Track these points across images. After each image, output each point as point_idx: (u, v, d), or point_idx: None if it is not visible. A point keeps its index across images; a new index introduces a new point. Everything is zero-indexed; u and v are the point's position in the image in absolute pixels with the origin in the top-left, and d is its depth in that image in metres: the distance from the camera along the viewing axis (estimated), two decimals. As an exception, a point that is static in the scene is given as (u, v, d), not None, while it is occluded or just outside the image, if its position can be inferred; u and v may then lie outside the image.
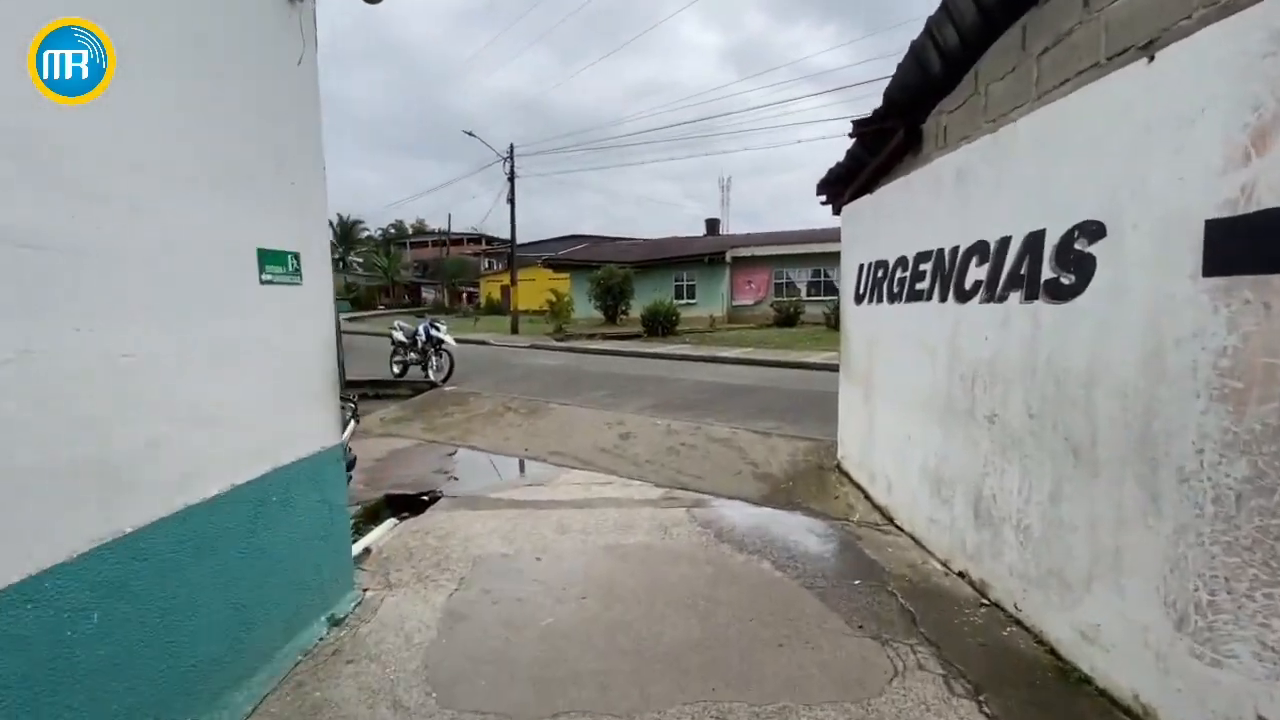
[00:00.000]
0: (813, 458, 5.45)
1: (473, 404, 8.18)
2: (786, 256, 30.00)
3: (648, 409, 7.82)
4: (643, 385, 9.75)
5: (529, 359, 14.26)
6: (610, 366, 12.56)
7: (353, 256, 67.04)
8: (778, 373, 11.38)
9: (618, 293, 24.96)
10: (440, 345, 10.03)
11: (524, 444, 6.33)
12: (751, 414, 7.40)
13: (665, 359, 14.05)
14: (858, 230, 4.63)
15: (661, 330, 18.62)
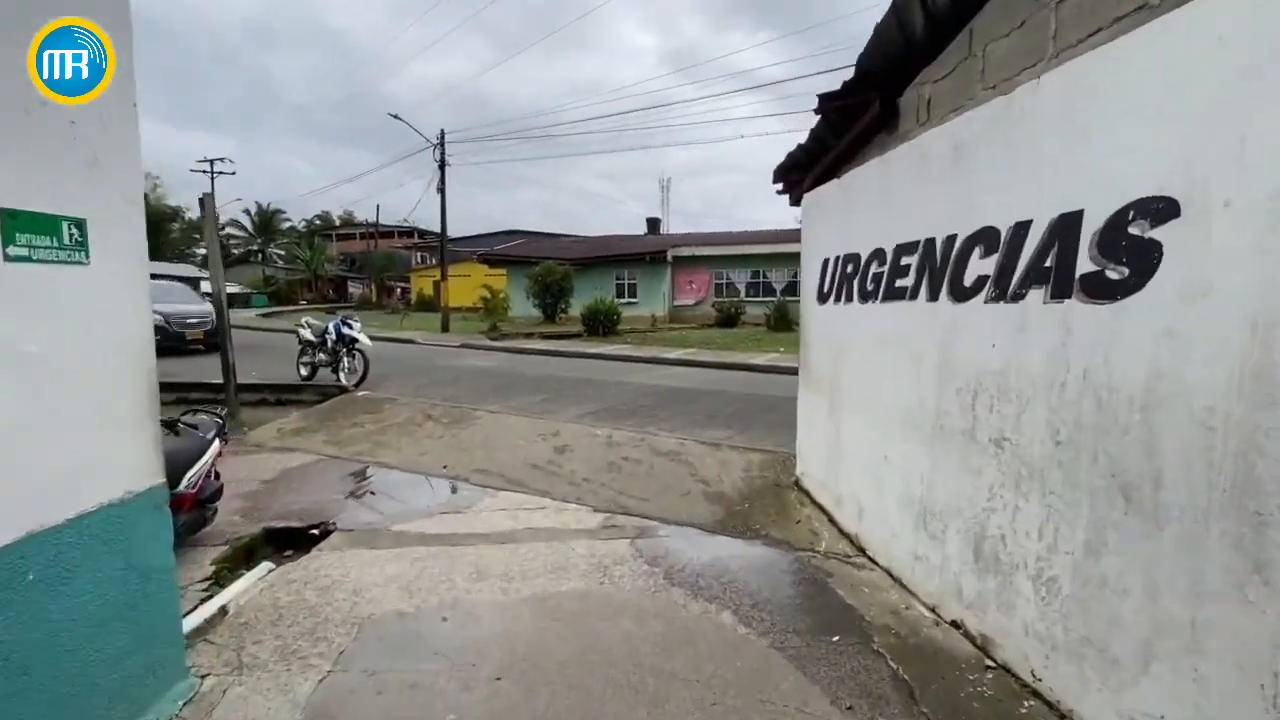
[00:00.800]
0: (769, 473, 4.92)
1: (388, 411, 7.25)
2: (727, 257, 29.95)
3: (587, 416, 7.13)
4: (582, 389, 9.06)
5: (459, 360, 13.27)
6: (547, 368, 11.78)
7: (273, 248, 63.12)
8: (722, 375, 10.92)
9: (557, 290, 24.10)
10: (353, 345, 9.00)
11: (444, 460, 5.53)
12: (699, 422, 6.84)
13: (606, 360, 13.39)
14: (821, 221, 4.12)
15: (602, 330, 17.94)
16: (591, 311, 18.00)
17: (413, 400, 7.85)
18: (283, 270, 55.19)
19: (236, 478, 5.02)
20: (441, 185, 18.98)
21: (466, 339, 17.76)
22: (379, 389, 8.78)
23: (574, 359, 13.54)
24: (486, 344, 16.41)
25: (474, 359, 13.38)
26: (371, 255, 45.57)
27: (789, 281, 29.98)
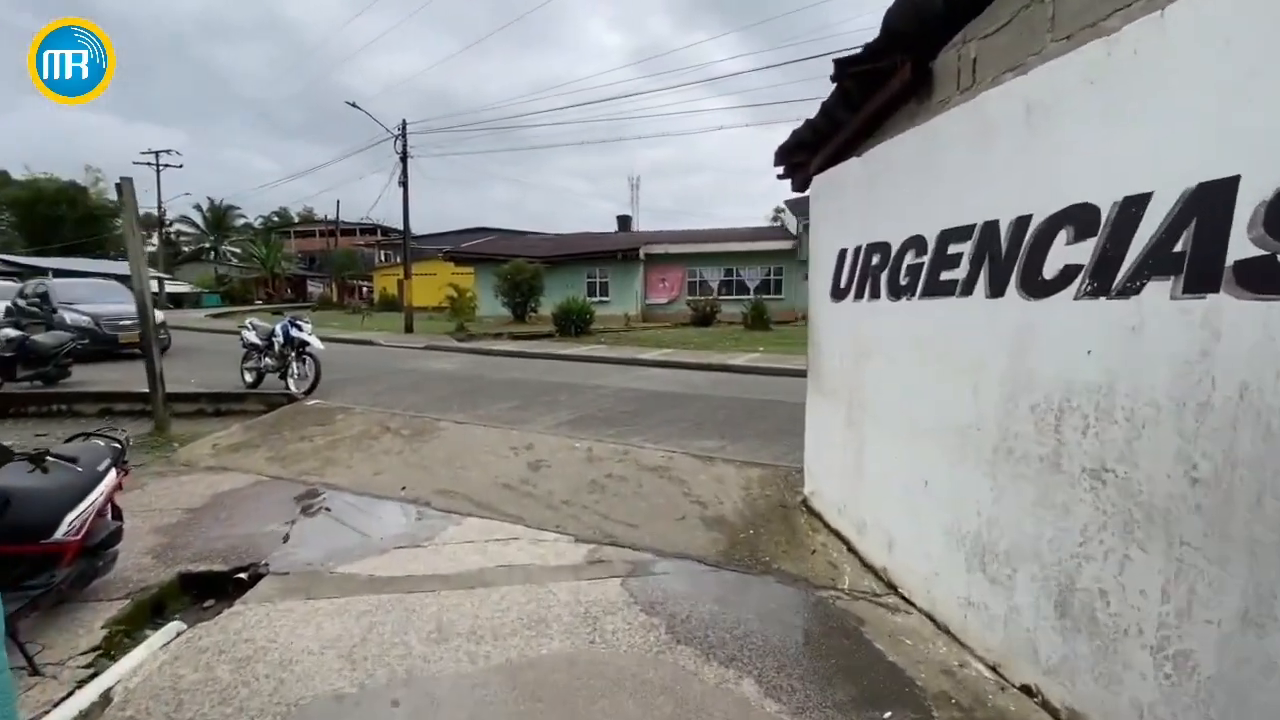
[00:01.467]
0: (771, 491, 4.42)
1: (341, 423, 6.54)
2: (700, 255, 29.60)
3: (563, 426, 6.53)
4: (556, 394, 8.44)
5: (422, 362, 12.50)
6: (518, 371, 11.12)
7: (227, 246, 60.69)
8: (703, 377, 10.43)
9: (526, 289, 23.36)
10: (303, 349, 8.21)
11: (402, 479, 4.88)
12: (686, 430, 6.31)
13: (580, 361, 12.77)
14: (836, 206, 3.62)
15: (575, 330, 17.31)
16: (563, 311, 17.36)
17: (369, 410, 7.14)
18: (238, 269, 52.97)
19: (155, 506, 4.31)
20: (404, 178, 18.10)
21: (431, 340, 16.92)
22: (332, 397, 8.02)
23: (546, 361, 12.89)
24: (452, 345, 15.62)
25: (438, 362, 12.62)
26: (331, 253, 43.91)
27: (762, 279, 29.79)
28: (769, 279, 29.88)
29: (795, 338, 16.58)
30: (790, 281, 29.57)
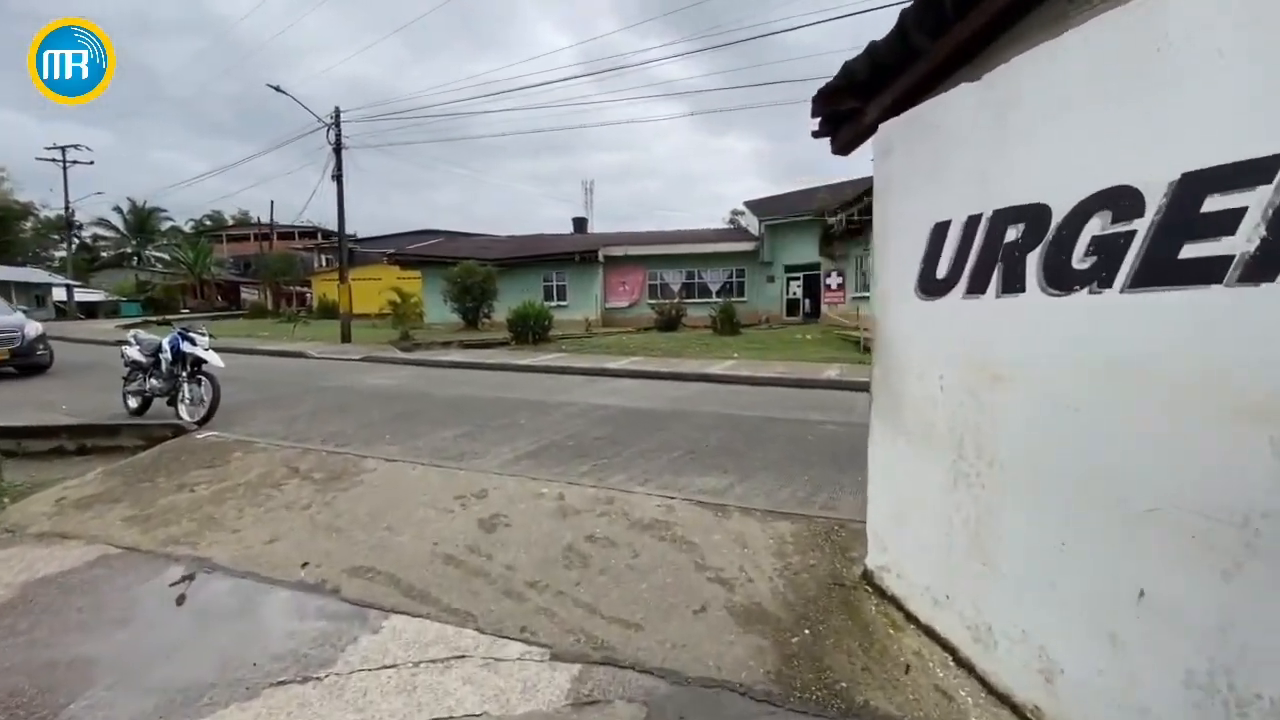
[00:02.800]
0: (815, 558, 3.28)
1: (236, 464, 5.10)
2: (661, 257, 28.63)
3: (525, 460, 5.25)
4: (514, 415, 7.14)
5: (356, 377, 10.94)
6: (469, 386, 9.73)
7: (151, 250, 56.48)
8: (680, 389, 9.29)
9: (479, 293, 21.83)
10: (198, 367, 6.67)
11: (305, 551, 3.54)
12: (678, 462, 5.14)
13: (540, 373, 11.46)
14: (926, 160, 2.50)
15: (532, 337, 15.95)
16: (520, 316, 15.97)
17: (278, 444, 5.70)
18: (164, 275, 49.15)
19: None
20: (338, 171, 16.35)
21: (371, 350, 15.25)
22: (235, 426, 6.51)
23: (501, 373, 11.52)
24: (394, 356, 14.03)
25: (376, 376, 11.08)
26: (265, 257, 40.99)
27: (724, 282, 29.02)
28: (731, 281, 29.15)
29: (767, 342, 15.68)
30: (753, 284, 28.91)
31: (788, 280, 28.60)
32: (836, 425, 6.43)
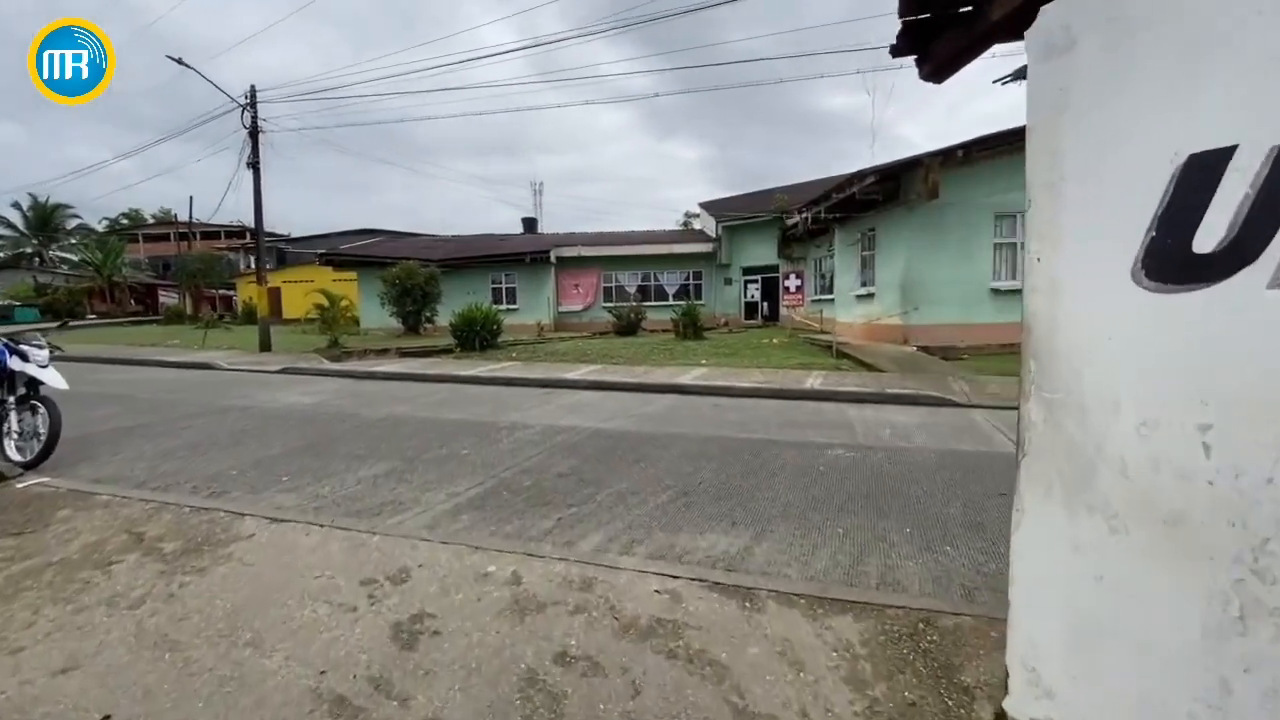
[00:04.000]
0: (914, 692, 2.14)
1: (59, 528, 3.64)
2: (616, 258, 27.51)
3: (466, 512, 3.97)
4: (455, 443, 5.82)
5: (268, 393, 9.31)
6: (404, 404, 8.30)
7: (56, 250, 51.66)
8: (650, 403, 8.13)
9: (420, 296, 20.15)
10: (33, 391, 5.10)
11: (112, 689, 2.19)
12: (668, 508, 3.97)
13: (489, 384, 10.09)
14: (1181, 45, 1.42)
15: (479, 343, 14.49)
16: (464, 321, 14.47)
17: (129, 494, 4.22)
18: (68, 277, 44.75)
19: None
20: (254, 158, 14.45)
21: (294, 359, 13.48)
22: (84, 465, 4.97)
23: (443, 386, 10.09)
24: (320, 367, 12.35)
25: (292, 392, 9.47)
26: (183, 257, 37.61)
27: (681, 284, 28.12)
28: (688, 284, 28.31)
29: (733, 347, 14.73)
30: (710, 286, 28.12)
31: (745, 283, 27.95)
32: (845, 450, 5.40)
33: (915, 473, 4.68)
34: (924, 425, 6.52)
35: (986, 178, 12.99)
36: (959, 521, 3.63)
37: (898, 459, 5.07)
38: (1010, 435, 6.05)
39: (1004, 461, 5.00)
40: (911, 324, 13.33)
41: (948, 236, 13.18)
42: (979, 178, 12.93)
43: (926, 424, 6.61)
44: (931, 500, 4.02)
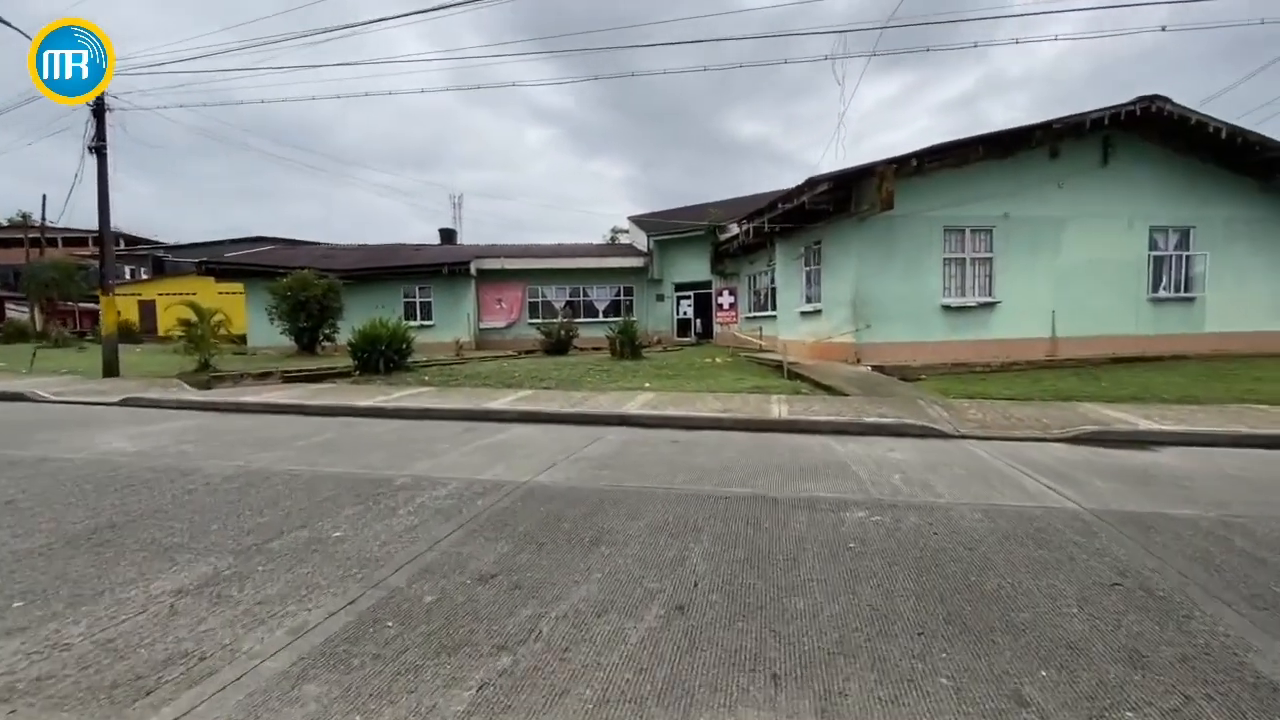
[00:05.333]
0: None
1: None
2: (543, 271, 25.87)
3: (310, 678, 2.28)
4: (326, 518, 4.07)
5: (87, 435, 7.04)
6: (271, 448, 6.36)
7: None
8: (596, 439, 6.62)
9: (317, 310, 17.72)
10: None
11: None
12: (658, 639, 2.46)
13: (393, 417, 8.23)
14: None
15: (386, 364, 12.44)
16: (366, 339, 12.40)
17: None
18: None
19: None
20: (99, 141, 11.81)
21: (147, 386, 10.94)
22: None
23: (332, 420, 8.14)
24: (178, 397, 9.95)
25: (120, 433, 7.22)
26: (32, 267, 32.37)
27: (612, 300, 26.82)
28: (619, 299, 27.05)
29: (675, 367, 13.47)
30: (642, 302, 26.98)
31: (678, 299, 27.01)
32: (866, 510, 4.14)
33: (975, 548, 3.45)
34: (932, 466, 5.41)
35: (936, 189, 12.48)
36: (1104, 651, 2.38)
37: (939, 524, 3.85)
38: (1033, 474, 5.03)
39: (1063, 520, 3.88)
40: (864, 342, 12.55)
41: (898, 250, 12.55)
42: (929, 189, 12.40)
43: (933, 463, 5.50)
44: (1035, 604, 2.77)
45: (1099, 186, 13.04)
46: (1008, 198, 12.70)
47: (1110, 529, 3.76)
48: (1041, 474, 5.12)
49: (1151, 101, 11.88)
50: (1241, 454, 5.94)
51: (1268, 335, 13.79)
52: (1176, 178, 13.28)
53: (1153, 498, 4.43)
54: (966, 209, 12.57)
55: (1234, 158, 12.95)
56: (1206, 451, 6.05)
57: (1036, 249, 12.94)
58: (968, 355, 12.57)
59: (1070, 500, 4.34)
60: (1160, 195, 13.27)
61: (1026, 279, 12.91)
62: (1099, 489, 4.65)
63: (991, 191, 12.62)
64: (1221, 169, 13.30)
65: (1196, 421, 7.03)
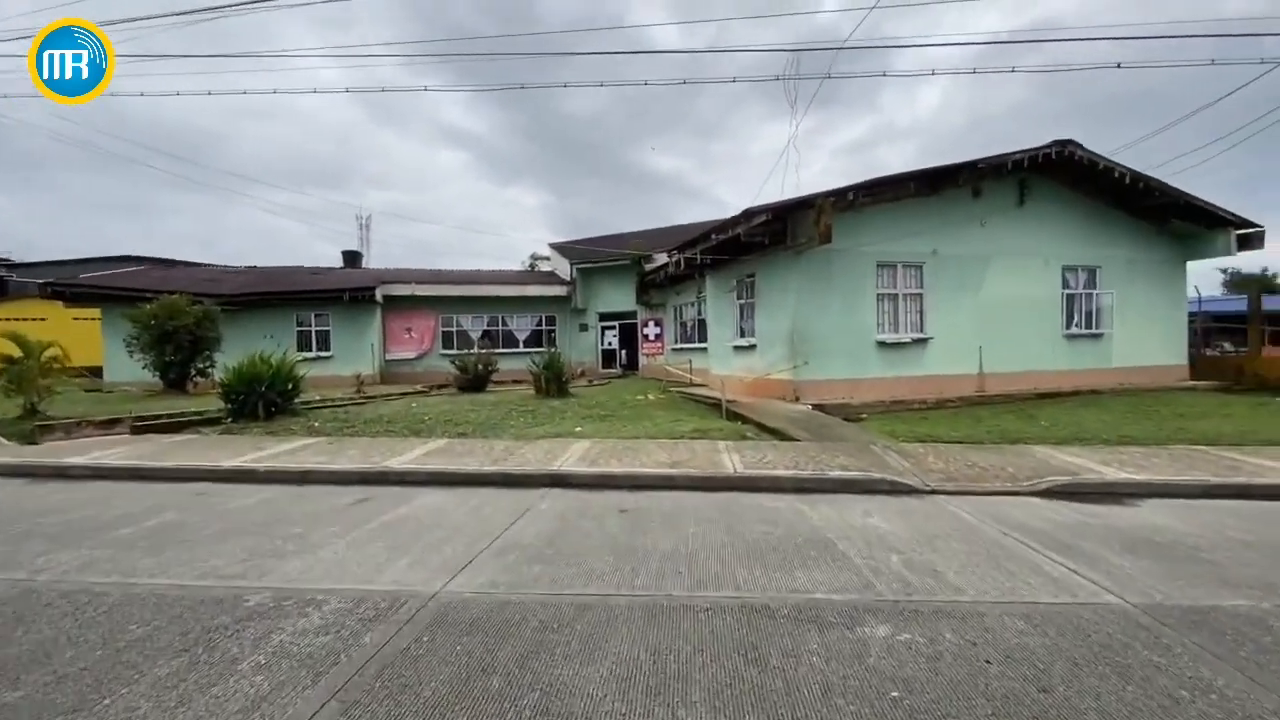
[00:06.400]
0: None
1: None
2: (457, 299, 24.23)
3: None
4: (120, 687, 2.68)
5: None
6: (76, 542, 4.73)
7: None
8: (522, 508, 5.43)
9: (188, 341, 15.36)
10: None
11: None
12: None
13: (265, 483, 6.63)
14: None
15: (267, 408, 10.56)
16: (244, 377, 10.49)
17: None
18: None
19: None
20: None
21: (-63, 443, 8.56)
22: None
23: (183, 488, 6.44)
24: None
25: None
26: None
27: (533, 330, 25.53)
28: (541, 330, 25.79)
29: (608, 405, 12.42)
30: (565, 333, 25.84)
31: (603, 329, 26.09)
32: (886, 625, 3.25)
33: (1048, 685, 2.63)
34: (925, 539, 4.66)
35: (870, 224, 12.32)
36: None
37: (984, 643, 3.01)
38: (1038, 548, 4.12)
39: (1119, 625, 3.16)
40: (802, 379, 12.06)
41: (835, 285, 12.23)
42: (863, 224, 12.22)
43: (924, 534, 4.76)
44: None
45: (1017, 226, 13.43)
46: (936, 234, 12.77)
47: (1177, 636, 3.07)
48: (1047, 547, 4.48)
49: (1065, 146, 12.36)
50: (1225, 508, 5.63)
51: (1164, 369, 14.64)
52: (1085, 219, 13.94)
53: (1187, 581, 3.84)
54: (899, 244, 12.50)
55: (1134, 201, 13.76)
56: (1185, 506, 5.71)
57: (963, 286, 13.06)
58: (903, 392, 12.35)
59: (1107, 591, 3.66)
60: (1071, 236, 13.86)
61: (955, 315, 12.97)
62: (1122, 569, 4.03)
63: (921, 228, 12.64)
64: (1124, 213, 14.12)
65: (1157, 469, 6.80)
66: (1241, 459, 7.29)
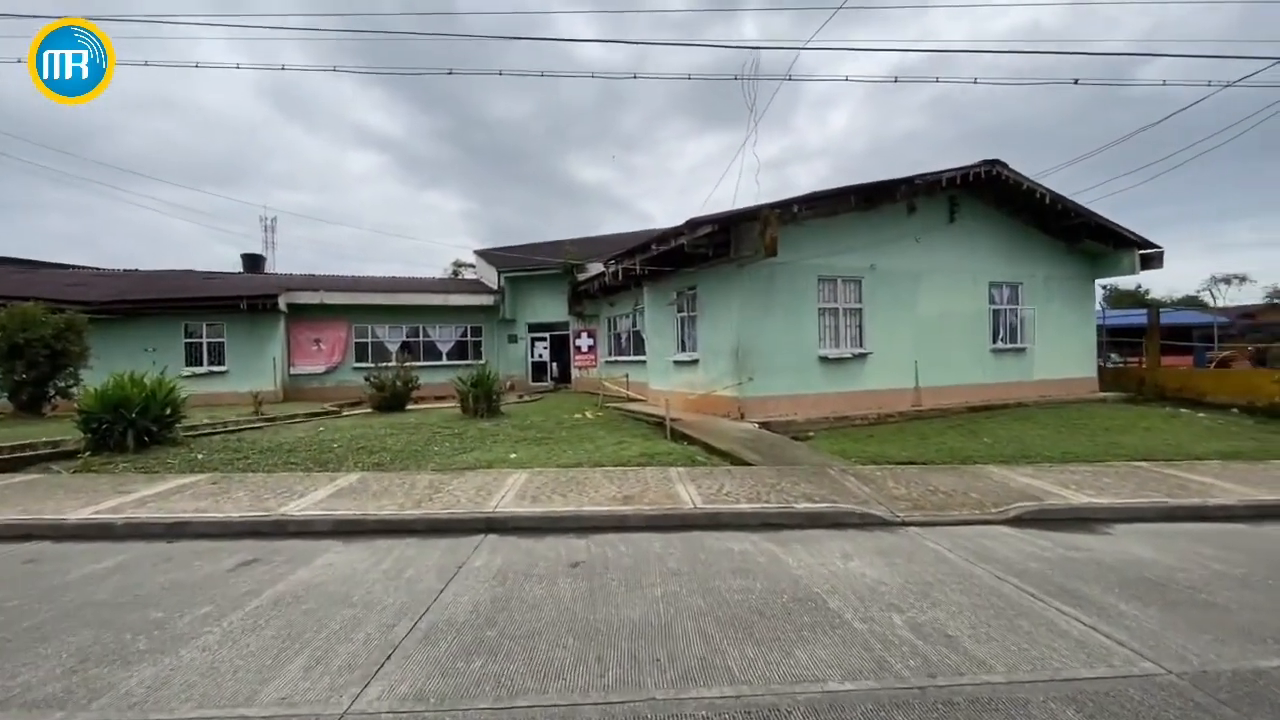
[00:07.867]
0: None
1: None
2: (373, 308, 22.52)
3: None
4: None
5: None
6: None
7: None
8: (450, 564, 4.54)
9: (44, 356, 13.19)
10: None
11: None
12: None
13: (120, 542, 5.33)
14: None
15: (138, 437, 8.95)
16: (108, 401, 8.83)
17: None
18: None
19: None
20: None
21: None
22: None
23: (6, 553, 5.07)
24: None
25: None
26: None
27: (457, 341, 24.10)
28: (466, 341, 24.40)
29: (543, 425, 11.52)
30: (493, 344, 24.57)
31: (533, 340, 25.01)
32: None
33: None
34: (919, 590, 4.16)
35: (811, 237, 12.13)
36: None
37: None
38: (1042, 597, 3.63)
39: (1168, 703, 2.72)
40: (746, 396, 11.65)
41: (778, 299, 11.94)
42: (805, 237, 12.00)
43: (916, 584, 4.27)
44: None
45: (948, 242, 13.69)
46: (874, 249, 12.78)
47: (1237, 716, 2.66)
48: (1049, 594, 4.09)
49: (993, 165, 12.69)
50: (1193, 534, 5.53)
51: (1078, 381, 15.38)
52: (1009, 237, 14.44)
53: (1210, 634, 3.51)
54: (839, 259, 12.39)
55: (1051, 221, 14.39)
56: (1155, 533, 5.58)
57: (899, 301, 13.14)
58: (845, 407, 12.20)
59: (1140, 656, 3.24)
60: (996, 253, 14.30)
61: (893, 330, 13.01)
62: (1138, 621, 3.67)
63: (860, 242, 12.60)
64: (1042, 232, 14.74)
65: (1113, 491, 6.74)
66: (1185, 476, 7.41)
